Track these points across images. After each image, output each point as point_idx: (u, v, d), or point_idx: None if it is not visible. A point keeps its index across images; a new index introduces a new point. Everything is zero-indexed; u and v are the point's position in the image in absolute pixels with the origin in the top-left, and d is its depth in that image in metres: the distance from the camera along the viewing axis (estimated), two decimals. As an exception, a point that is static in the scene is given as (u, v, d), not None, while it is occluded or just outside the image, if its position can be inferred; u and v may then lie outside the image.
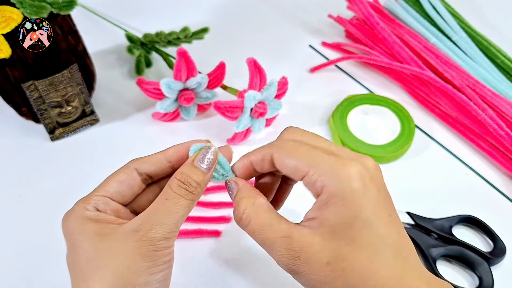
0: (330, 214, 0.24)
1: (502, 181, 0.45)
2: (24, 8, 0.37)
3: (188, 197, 0.25)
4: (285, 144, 0.26)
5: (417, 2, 0.59)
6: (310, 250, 0.24)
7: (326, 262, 0.23)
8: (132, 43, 0.54)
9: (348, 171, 0.24)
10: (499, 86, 0.50)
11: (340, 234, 0.23)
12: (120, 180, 0.27)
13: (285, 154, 0.26)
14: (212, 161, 0.26)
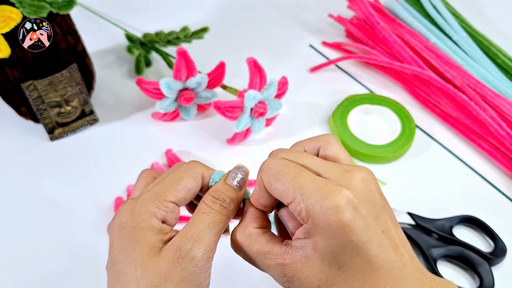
0: (318, 241, 0.24)
1: (503, 181, 0.45)
2: (24, 8, 0.37)
3: (223, 212, 0.26)
4: (272, 165, 0.26)
5: (417, 2, 0.59)
6: (302, 275, 0.24)
7: (316, 285, 0.24)
8: (132, 42, 0.54)
9: (335, 202, 0.23)
10: (500, 86, 0.50)
11: (329, 261, 0.24)
12: (188, 186, 0.27)
13: (272, 177, 0.25)
14: (243, 180, 0.27)
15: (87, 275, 0.37)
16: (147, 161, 0.44)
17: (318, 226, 0.24)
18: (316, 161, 0.26)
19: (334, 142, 0.27)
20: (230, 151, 0.46)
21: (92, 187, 0.43)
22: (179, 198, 0.26)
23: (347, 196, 0.23)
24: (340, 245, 0.23)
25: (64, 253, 0.38)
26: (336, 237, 0.23)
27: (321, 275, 0.24)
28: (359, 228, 0.23)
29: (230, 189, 0.27)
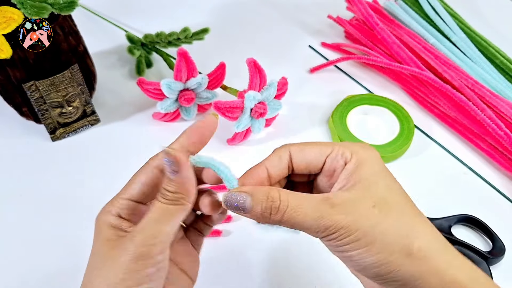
0: (361, 173, 0.25)
1: (501, 180, 0.46)
2: (25, 9, 0.37)
3: (172, 204, 0.25)
4: (298, 143, 0.27)
5: (416, 3, 0.59)
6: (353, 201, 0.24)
7: (372, 206, 0.24)
8: (133, 43, 0.54)
9: (369, 149, 0.26)
10: (498, 86, 0.50)
11: (375, 184, 0.25)
12: (141, 181, 0.27)
13: (304, 146, 0.27)
14: (171, 163, 0.24)
15: (89, 274, 0.37)
16: (148, 161, 0.45)
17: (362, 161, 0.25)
18: None
19: None
20: (230, 151, 0.47)
21: (93, 187, 0.43)
22: (132, 194, 0.26)
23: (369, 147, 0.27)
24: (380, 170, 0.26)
25: (65, 253, 0.39)
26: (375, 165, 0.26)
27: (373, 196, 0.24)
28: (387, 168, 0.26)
29: (170, 181, 0.25)
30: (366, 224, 0.24)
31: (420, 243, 0.23)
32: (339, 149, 0.26)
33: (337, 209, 0.24)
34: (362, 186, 0.25)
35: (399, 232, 0.24)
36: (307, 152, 0.26)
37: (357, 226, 0.24)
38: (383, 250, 0.23)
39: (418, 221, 0.25)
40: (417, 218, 0.25)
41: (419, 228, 0.24)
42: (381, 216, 0.24)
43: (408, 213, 0.25)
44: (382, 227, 0.24)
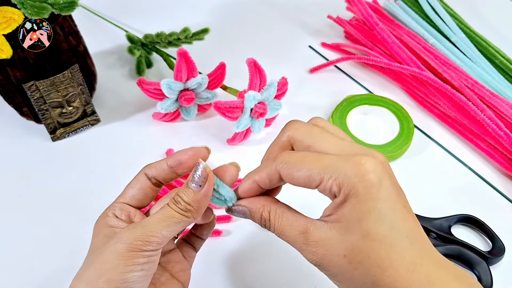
0: (345, 211, 0.24)
1: (501, 180, 0.46)
2: (25, 9, 0.38)
3: (180, 212, 0.26)
4: (289, 159, 0.26)
5: (416, 3, 0.59)
6: (327, 243, 0.25)
7: (343, 254, 0.24)
8: (133, 43, 0.54)
9: (362, 166, 0.24)
10: (498, 87, 0.50)
11: (355, 228, 0.24)
12: (132, 186, 0.29)
13: (294, 169, 0.25)
14: (201, 177, 0.26)
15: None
16: (148, 161, 0.44)
17: (349, 195, 0.24)
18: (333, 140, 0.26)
19: None
20: (230, 151, 0.47)
21: (94, 187, 0.43)
22: (127, 198, 0.29)
23: (374, 162, 0.24)
24: (367, 211, 0.24)
25: (66, 252, 0.39)
26: (364, 202, 0.24)
27: (347, 245, 0.24)
28: (384, 197, 0.24)
29: (188, 191, 0.26)
30: (334, 271, 0.25)
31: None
32: (327, 182, 0.24)
33: (311, 247, 0.25)
34: (341, 227, 0.25)
35: (367, 282, 0.24)
36: (297, 178, 0.26)
37: (326, 268, 0.25)
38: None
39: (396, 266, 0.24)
40: (392, 265, 0.24)
41: (393, 276, 0.24)
42: (349, 268, 0.24)
43: (380, 265, 0.24)
44: (349, 276, 0.24)
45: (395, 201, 0.24)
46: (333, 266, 0.25)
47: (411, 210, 0.26)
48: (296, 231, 0.26)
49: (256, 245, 0.39)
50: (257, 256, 0.39)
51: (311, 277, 0.37)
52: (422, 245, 0.25)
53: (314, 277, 0.38)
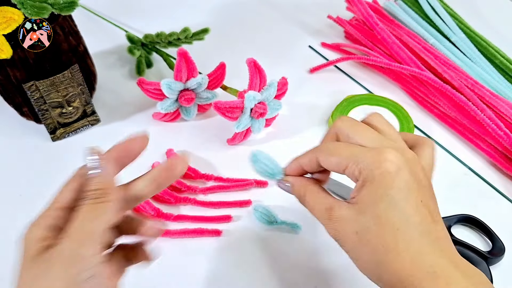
0: (362, 194, 0.27)
1: (501, 180, 0.46)
2: (25, 9, 0.38)
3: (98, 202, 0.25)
4: (326, 147, 0.30)
5: (416, 3, 0.59)
6: (345, 220, 0.28)
7: (355, 231, 0.27)
8: (133, 43, 0.54)
9: (382, 155, 0.27)
10: (498, 87, 0.50)
11: (368, 210, 0.27)
12: (72, 188, 0.28)
13: (328, 155, 0.29)
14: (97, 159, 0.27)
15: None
16: (148, 161, 0.45)
17: (366, 180, 0.27)
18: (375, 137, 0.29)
19: None
20: (230, 151, 0.47)
21: (93, 187, 0.43)
22: (63, 202, 0.27)
23: (396, 155, 0.27)
24: (379, 195, 0.26)
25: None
26: (378, 188, 0.26)
27: (359, 223, 0.27)
28: (399, 186, 0.26)
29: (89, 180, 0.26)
30: (347, 246, 0.28)
31: (391, 277, 0.26)
32: (351, 167, 0.28)
33: (332, 222, 0.28)
34: (357, 208, 0.27)
35: (372, 261, 0.26)
36: (329, 163, 0.29)
37: (342, 243, 0.28)
38: (362, 267, 0.28)
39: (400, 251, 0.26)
40: (397, 248, 0.26)
41: (396, 261, 0.25)
42: (358, 244, 0.27)
43: (385, 246, 0.26)
44: (358, 254, 0.27)
45: (410, 193, 0.26)
46: (346, 241, 0.28)
47: (431, 207, 0.27)
48: (323, 207, 0.29)
49: (256, 245, 0.39)
50: (257, 256, 0.39)
51: (311, 277, 0.38)
52: (436, 239, 0.26)
53: (314, 277, 0.38)
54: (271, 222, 0.40)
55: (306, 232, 0.40)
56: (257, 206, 0.41)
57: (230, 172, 0.44)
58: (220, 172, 0.45)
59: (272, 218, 0.40)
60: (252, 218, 0.41)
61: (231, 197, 0.43)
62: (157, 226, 0.30)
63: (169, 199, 0.41)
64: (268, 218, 0.40)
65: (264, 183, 0.43)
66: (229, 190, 0.43)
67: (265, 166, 0.34)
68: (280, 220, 0.40)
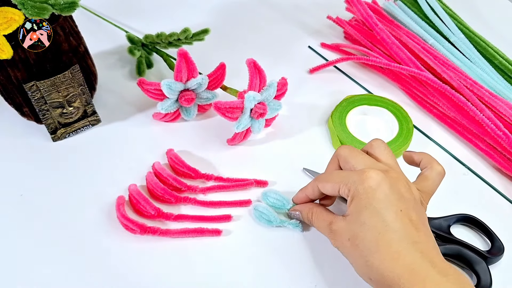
0: (351, 207, 0.33)
1: (500, 180, 0.46)
2: (26, 9, 0.38)
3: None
4: (322, 177, 0.37)
5: (415, 4, 0.59)
6: (340, 230, 0.33)
7: (347, 239, 0.33)
8: (133, 44, 0.54)
9: (365, 174, 0.32)
10: (497, 87, 0.50)
11: (356, 219, 0.32)
12: None
13: (324, 182, 0.36)
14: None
15: (89, 273, 0.37)
16: (148, 161, 0.45)
17: (354, 195, 0.33)
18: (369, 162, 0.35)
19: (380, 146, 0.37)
20: (230, 151, 0.47)
21: (94, 187, 0.43)
22: None
23: (377, 173, 0.32)
24: (363, 206, 0.32)
25: (66, 252, 0.39)
26: (361, 200, 0.32)
27: (350, 231, 0.32)
28: (379, 197, 0.31)
29: None
30: (344, 252, 0.34)
31: (376, 275, 0.30)
32: (342, 188, 0.34)
33: (332, 234, 0.34)
34: (348, 219, 0.33)
35: (362, 263, 0.31)
36: (327, 188, 0.36)
37: (341, 251, 0.34)
38: (358, 271, 0.33)
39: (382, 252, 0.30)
40: (380, 249, 0.30)
41: (379, 260, 0.30)
42: (351, 249, 0.32)
43: (370, 248, 0.31)
44: (352, 258, 0.33)
45: (390, 203, 0.31)
46: (343, 248, 0.33)
47: (412, 217, 0.31)
48: (325, 223, 0.35)
49: (256, 245, 0.40)
50: (257, 256, 0.39)
51: (311, 276, 0.38)
52: (415, 243, 0.30)
53: (314, 276, 0.38)
54: (271, 221, 0.40)
55: (306, 232, 0.41)
56: (257, 206, 0.41)
57: (230, 172, 0.45)
58: (220, 172, 0.45)
59: (272, 218, 0.40)
60: (252, 218, 0.41)
61: (231, 196, 0.43)
62: None
63: (169, 199, 0.41)
64: (268, 217, 0.40)
65: (264, 183, 0.44)
66: (229, 190, 0.43)
67: (275, 200, 0.41)
68: (280, 220, 0.40)
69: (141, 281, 0.37)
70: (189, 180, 0.44)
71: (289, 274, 0.38)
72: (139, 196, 0.41)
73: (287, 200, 0.41)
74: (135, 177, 0.44)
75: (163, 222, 0.41)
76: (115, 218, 0.40)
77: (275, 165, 0.46)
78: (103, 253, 0.39)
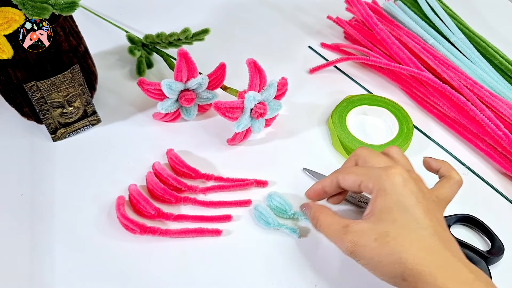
0: (377, 204, 0.32)
1: (500, 180, 0.46)
2: (26, 9, 0.38)
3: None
4: (344, 169, 0.36)
5: (415, 4, 0.59)
6: (361, 232, 0.32)
7: (374, 239, 0.31)
8: (133, 44, 0.54)
9: (390, 171, 0.32)
10: (497, 87, 0.50)
11: (385, 217, 0.31)
12: None
13: (346, 174, 0.35)
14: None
15: (89, 273, 0.37)
16: (149, 161, 0.45)
17: (379, 191, 0.32)
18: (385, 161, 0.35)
19: None
20: (230, 151, 0.47)
21: (94, 187, 0.43)
22: None
23: (402, 171, 0.32)
24: (392, 203, 0.31)
25: (66, 252, 0.39)
26: (389, 196, 0.31)
27: (377, 231, 0.31)
28: (407, 194, 0.31)
29: None
30: (367, 255, 0.31)
31: (411, 271, 0.29)
32: (365, 181, 0.33)
33: (349, 237, 0.32)
34: (374, 218, 0.32)
35: (393, 262, 0.30)
36: (347, 181, 0.35)
37: (360, 254, 0.31)
38: (383, 273, 0.31)
39: (416, 248, 0.30)
40: (414, 244, 0.30)
41: (413, 255, 0.29)
42: (379, 249, 0.30)
43: (403, 245, 0.30)
44: (379, 259, 0.30)
45: (418, 201, 0.31)
46: (365, 250, 0.31)
47: (437, 214, 0.32)
48: (339, 226, 0.33)
49: (256, 245, 0.40)
50: (257, 256, 0.39)
51: (311, 277, 0.38)
52: (444, 241, 0.30)
53: (314, 277, 0.38)
54: (269, 223, 0.40)
55: (307, 231, 0.41)
56: (257, 206, 0.41)
57: (230, 172, 0.45)
58: (220, 172, 0.45)
59: (270, 220, 0.40)
60: (252, 218, 0.41)
61: (231, 197, 0.43)
62: None
63: (170, 199, 0.41)
64: (266, 219, 0.40)
65: (264, 182, 0.44)
66: (229, 190, 0.43)
67: (278, 203, 0.41)
68: (278, 223, 0.40)
69: (141, 281, 0.37)
70: (189, 180, 0.44)
71: (289, 274, 0.38)
72: (139, 196, 0.41)
73: (290, 206, 0.41)
74: (135, 177, 0.44)
75: (163, 222, 0.41)
76: (115, 218, 0.40)
77: (275, 165, 0.46)
78: (103, 253, 0.39)
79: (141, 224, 0.39)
